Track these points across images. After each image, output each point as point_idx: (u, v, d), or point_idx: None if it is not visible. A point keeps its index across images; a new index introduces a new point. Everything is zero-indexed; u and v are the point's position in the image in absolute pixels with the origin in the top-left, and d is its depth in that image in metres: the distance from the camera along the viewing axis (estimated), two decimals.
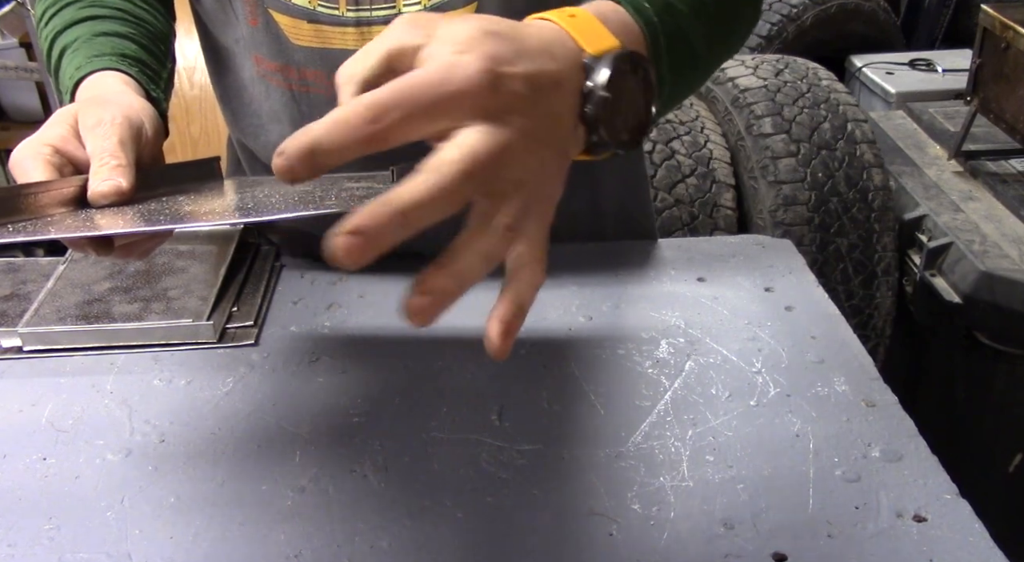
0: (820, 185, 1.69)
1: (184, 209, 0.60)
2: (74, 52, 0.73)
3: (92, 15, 0.76)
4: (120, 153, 0.61)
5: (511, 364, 0.77)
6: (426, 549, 0.60)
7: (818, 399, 0.73)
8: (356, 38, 0.78)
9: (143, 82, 0.72)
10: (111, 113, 0.63)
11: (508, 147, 0.43)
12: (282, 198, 0.59)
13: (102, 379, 0.76)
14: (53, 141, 0.62)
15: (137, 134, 0.64)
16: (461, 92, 0.42)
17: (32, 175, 0.59)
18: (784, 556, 0.59)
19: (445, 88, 0.42)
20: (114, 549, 0.60)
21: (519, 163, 0.44)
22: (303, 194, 0.60)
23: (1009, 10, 1.73)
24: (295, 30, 0.79)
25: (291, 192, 0.61)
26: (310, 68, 0.81)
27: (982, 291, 1.56)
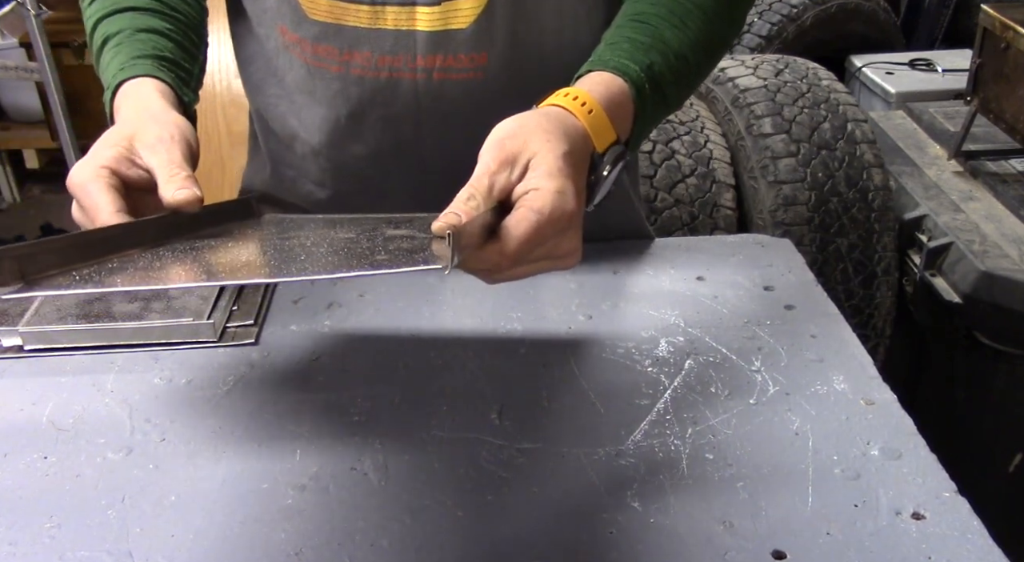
0: (820, 185, 1.69)
1: (239, 258, 0.61)
2: (116, 47, 0.75)
3: (133, 5, 0.78)
4: (186, 166, 0.65)
5: (511, 363, 0.77)
6: (426, 548, 0.60)
7: (817, 397, 0.73)
8: (369, 17, 0.79)
9: (176, 88, 0.74)
10: (168, 131, 0.66)
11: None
12: (329, 247, 0.60)
13: (103, 378, 0.76)
14: (110, 164, 0.64)
15: (189, 150, 0.67)
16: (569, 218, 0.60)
17: (98, 200, 0.61)
18: (783, 554, 0.59)
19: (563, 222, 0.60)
20: (115, 547, 0.60)
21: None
22: (348, 243, 0.61)
23: (1009, 10, 1.73)
24: (312, 4, 0.80)
25: (336, 240, 0.62)
26: (322, 43, 0.82)
27: (982, 291, 1.56)
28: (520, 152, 0.61)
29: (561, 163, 0.60)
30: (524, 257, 0.59)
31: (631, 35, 0.71)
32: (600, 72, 0.68)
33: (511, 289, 0.87)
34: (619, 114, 0.67)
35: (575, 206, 0.60)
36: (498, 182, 0.60)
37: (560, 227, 0.60)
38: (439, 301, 0.86)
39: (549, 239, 0.60)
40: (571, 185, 0.60)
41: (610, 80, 0.68)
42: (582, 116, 0.65)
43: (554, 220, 0.59)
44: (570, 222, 0.60)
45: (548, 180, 0.60)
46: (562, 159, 0.61)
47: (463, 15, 0.79)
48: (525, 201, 0.59)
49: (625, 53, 0.70)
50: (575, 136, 0.63)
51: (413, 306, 0.85)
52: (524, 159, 0.61)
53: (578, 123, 0.64)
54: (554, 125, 0.63)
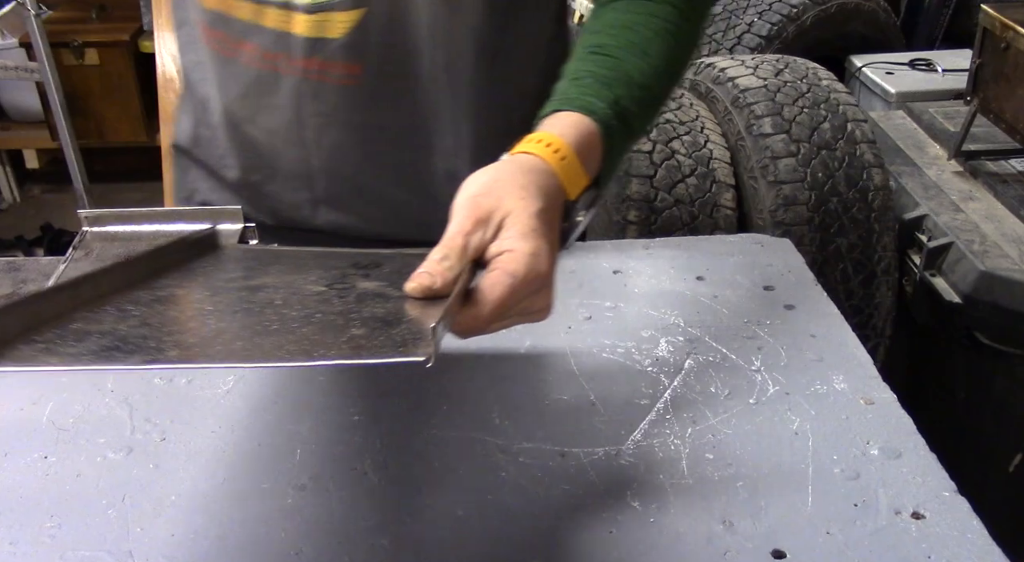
0: (820, 185, 1.69)
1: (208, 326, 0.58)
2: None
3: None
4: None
5: (511, 363, 0.77)
6: (426, 547, 0.60)
7: (817, 397, 0.73)
8: (252, 12, 0.82)
9: None
10: None
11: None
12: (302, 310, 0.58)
13: (103, 378, 0.76)
14: None
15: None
16: (543, 278, 0.60)
17: None
18: (783, 553, 0.59)
19: (537, 283, 0.59)
20: (115, 547, 0.60)
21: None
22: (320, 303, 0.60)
23: (1009, 10, 1.73)
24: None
25: (307, 298, 0.61)
26: (213, 29, 0.85)
27: (982, 291, 1.56)
28: (494, 210, 0.60)
29: (535, 222, 0.60)
30: (497, 319, 0.59)
31: (594, 70, 0.71)
32: (567, 112, 0.68)
33: None
34: (590, 156, 0.67)
35: (548, 266, 0.60)
36: (472, 242, 0.59)
37: (534, 288, 0.60)
38: None
39: (523, 300, 0.60)
40: (545, 245, 0.60)
41: (578, 121, 0.67)
42: (555, 164, 0.64)
43: (528, 281, 0.59)
44: (544, 282, 0.60)
45: (522, 241, 0.59)
46: (536, 218, 0.60)
47: (337, 25, 0.80)
48: (499, 263, 0.59)
49: (590, 90, 0.70)
50: (549, 188, 0.63)
51: None
52: (498, 217, 0.60)
53: (551, 172, 0.64)
54: (528, 179, 0.62)
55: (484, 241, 0.60)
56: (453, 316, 0.57)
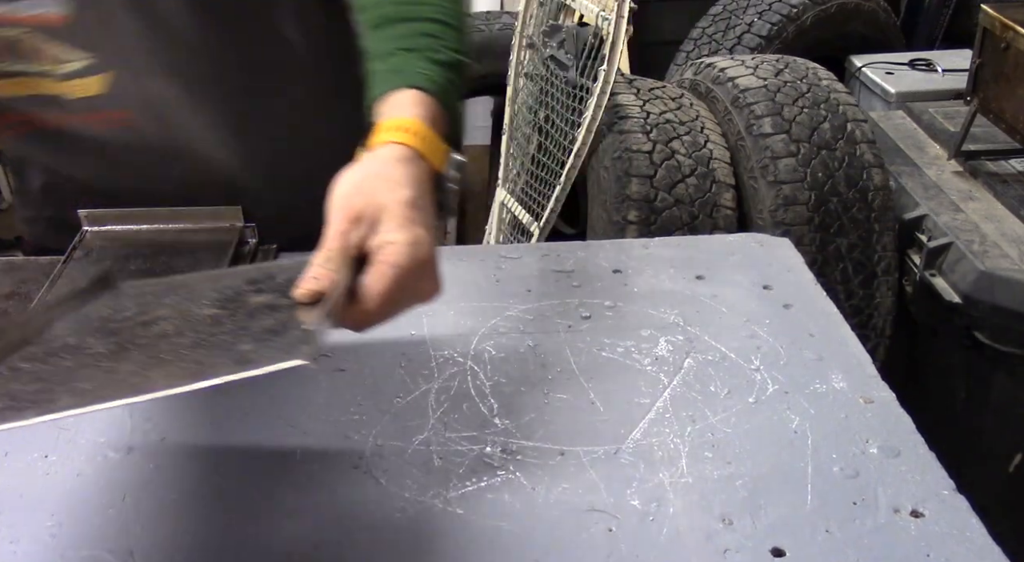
0: (820, 185, 1.69)
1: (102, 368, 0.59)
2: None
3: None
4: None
5: (511, 362, 0.78)
6: (426, 545, 0.60)
7: (816, 396, 0.73)
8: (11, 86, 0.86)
9: None
10: None
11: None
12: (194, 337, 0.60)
13: None
14: None
15: None
16: (426, 264, 0.62)
17: None
18: (782, 551, 0.59)
19: (421, 269, 0.61)
20: (116, 546, 0.60)
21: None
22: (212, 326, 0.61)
23: (1009, 10, 1.73)
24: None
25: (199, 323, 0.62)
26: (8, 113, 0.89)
27: (982, 291, 1.55)
28: (367, 206, 0.62)
29: (410, 211, 0.62)
30: (387, 308, 0.61)
31: (395, 42, 0.73)
32: (400, 91, 0.69)
33: (511, 288, 0.88)
34: (439, 124, 0.69)
35: (429, 251, 0.62)
36: (351, 240, 0.61)
37: (418, 274, 0.61)
38: (439, 301, 0.86)
39: (409, 287, 0.62)
40: (422, 231, 0.62)
41: (415, 96, 0.69)
42: (417, 145, 0.66)
43: (411, 269, 0.61)
44: (428, 266, 0.62)
45: (400, 232, 0.61)
46: (410, 207, 0.62)
47: (91, 86, 0.86)
48: (381, 256, 0.60)
49: (406, 63, 0.71)
50: (416, 173, 0.65)
51: None
52: (373, 213, 0.62)
53: (416, 155, 0.66)
54: (395, 170, 0.64)
55: (363, 238, 0.61)
56: (337, 314, 0.59)
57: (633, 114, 1.77)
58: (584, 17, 1.88)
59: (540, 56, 1.99)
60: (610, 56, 1.73)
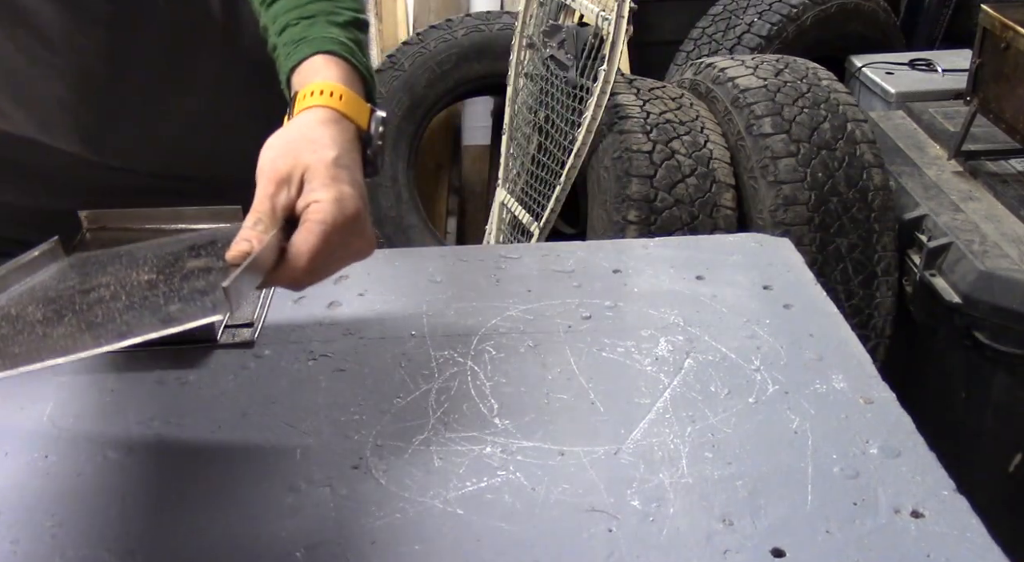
0: (820, 185, 1.69)
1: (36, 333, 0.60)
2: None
3: None
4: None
5: (511, 362, 0.78)
6: (426, 545, 0.60)
7: (816, 396, 0.73)
8: None
9: None
10: None
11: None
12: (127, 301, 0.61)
13: (103, 378, 0.76)
14: None
15: None
16: (353, 219, 0.62)
17: None
18: (783, 552, 0.59)
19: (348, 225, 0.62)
20: (116, 546, 0.60)
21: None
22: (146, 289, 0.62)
23: (1009, 10, 1.73)
24: None
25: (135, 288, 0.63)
26: None
27: (982, 291, 1.55)
28: (293, 168, 0.63)
29: (334, 170, 0.63)
30: (319, 266, 0.62)
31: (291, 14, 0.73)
32: (311, 59, 0.70)
33: (511, 288, 0.88)
34: (356, 84, 0.70)
35: (357, 207, 0.63)
36: (279, 202, 0.62)
37: (347, 230, 0.62)
38: (439, 301, 0.86)
39: (339, 244, 0.62)
40: (348, 188, 0.63)
41: (327, 60, 0.70)
42: (338, 105, 0.67)
43: (339, 226, 0.62)
44: (356, 222, 0.63)
45: (325, 190, 0.62)
46: (333, 165, 0.63)
47: None
48: (308, 215, 0.62)
49: (311, 31, 0.72)
50: (339, 133, 0.66)
51: (413, 306, 0.85)
52: (298, 174, 0.63)
53: (338, 115, 0.67)
54: (318, 132, 0.65)
55: (290, 199, 0.63)
56: (269, 273, 0.60)
57: (633, 114, 1.77)
58: (584, 17, 1.88)
59: (540, 56, 1.99)
60: (610, 56, 1.73)
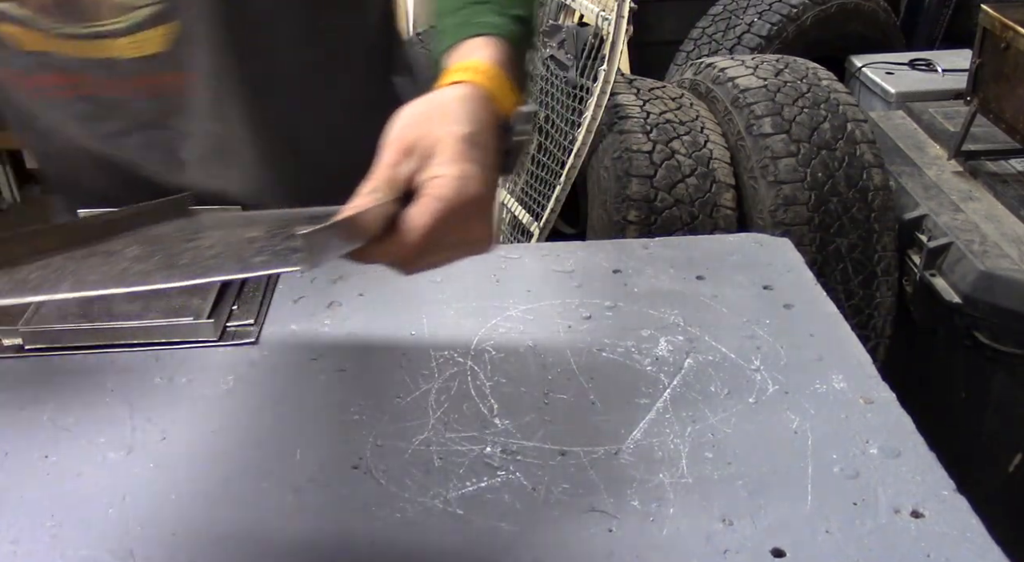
0: (820, 185, 1.69)
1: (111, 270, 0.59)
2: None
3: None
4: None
5: (510, 362, 0.78)
6: (426, 545, 0.60)
7: (816, 396, 0.73)
8: (75, 48, 0.81)
9: None
10: None
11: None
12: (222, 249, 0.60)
13: (103, 377, 0.76)
14: None
15: None
16: (474, 203, 0.58)
17: None
18: (783, 552, 0.59)
19: (468, 208, 0.58)
20: (116, 546, 0.60)
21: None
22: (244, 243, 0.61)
23: (1009, 10, 1.73)
24: (21, 38, 0.81)
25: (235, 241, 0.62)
26: (38, 74, 0.84)
27: (982, 291, 1.56)
28: (420, 139, 0.59)
29: (462, 146, 0.59)
30: (430, 246, 0.58)
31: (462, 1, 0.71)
32: (470, 39, 0.67)
33: (511, 288, 0.88)
34: (511, 70, 0.66)
35: (480, 189, 0.59)
36: (399, 173, 0.59)
37: (466, 213, 0.58)
38: (439, 301, 0.86)
39: (455, 226, 0.58)
40: (474, 168, 0.59)
41: (486, 41, 0.67)
42: (485, 83, 0.63)
43: (457, 206, 0.57)
44: (476, 207, 0.59)
45: (449, 166, 0.58)
46: (464, 142, 0.59)
47: (156, 40, 0.81)
48: (426, 188, 0.58)
49: (476, 13, 0.69)
50: (477, 112, 0.61)
51: (413, 306, 0.85)
52: (425, 146, 0.59)
53: (482, 94, 0.63)
54: (455, 106, 0.61)
55: (411, 171, 0.59)
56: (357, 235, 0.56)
57: (633, 114, 1.78)
58: (584, 17, 1.88)
59: (540, 56, 1.99)
60: (610, 56, 1.73)
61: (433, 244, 0.58)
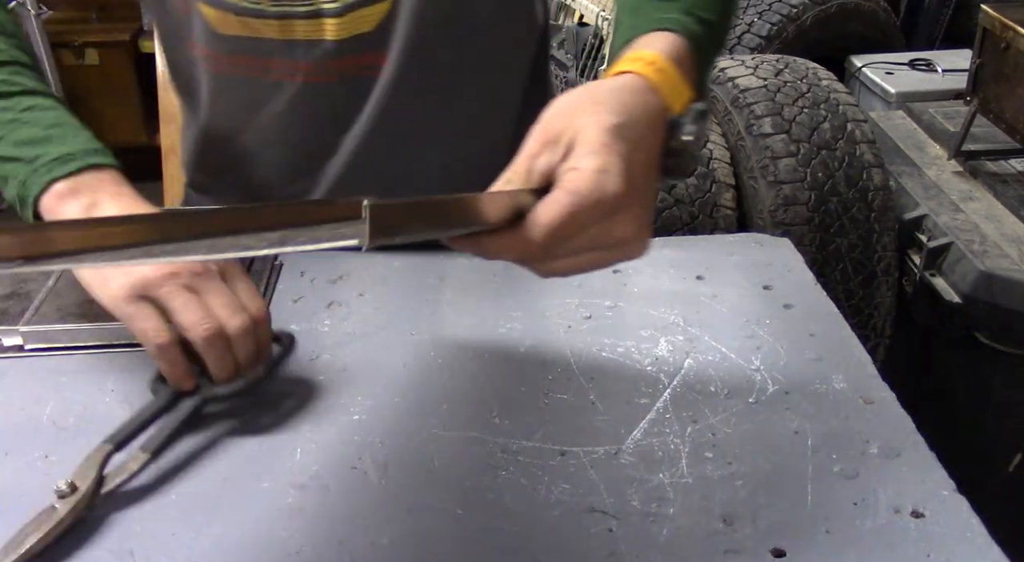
0: (820, 185, 1.69)
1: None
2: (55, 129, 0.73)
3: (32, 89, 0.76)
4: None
5: (511, 363, 0.78)
6: (426, 545, 0.60)
7: (816, 396, 0.73)
8: (279, 30, 0.81)
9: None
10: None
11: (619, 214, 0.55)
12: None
13: (103, 377, 0.76)
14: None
15: None
16: (614, 199, 0.53)
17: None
18: (783, 552, 0.59)
19: (606, 204, 0.53)
20: (116, 546, 0.60)
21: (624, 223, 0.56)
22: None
23: (1009, 10, 1.73)
24: (222, 21, 0.81)
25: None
26: (236, 55, 0.83)
27: (982, 291, 1.56)
28: (564, 129, 0.55)
29: (607, 137, 0.54)
30: (559, 245, 0.54)
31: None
32: (647, 35, 0.63)
33: (511, 288, 0.88)
34: (685, 66, 0.61)
35: (621, 186, 0.53)
36: (538, 163, 0.55)
37: (603, 211, 0.53)
38: (439, 301, 0.86)
39: (590, 225, 0.54)
40: (618, 162, 0.53)
41: (663, 36, 0.62)
42: (652, 75, 0.59)
43: (593, 203, 0.53)
44: (616, 205, 0.54)
45: (589, 158, 0.53)
46: (609, 133, 0.54)
47: (369, 19, 0.80)
48: (560, 182, 0.53)
49: (658, 9, 0.65)
50: (634, 104, 0.57)
51: (413, 306, 0.85)
52: (568, 137, 0.55)
53: (646, 86, 0.58)
54: (608, 96, 0.57)
55: (552, 163, 0.55)
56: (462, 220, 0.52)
57: None
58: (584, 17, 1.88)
59: None
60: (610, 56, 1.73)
61: (562, 242, 0.54)
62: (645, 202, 0.56)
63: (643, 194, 0.56)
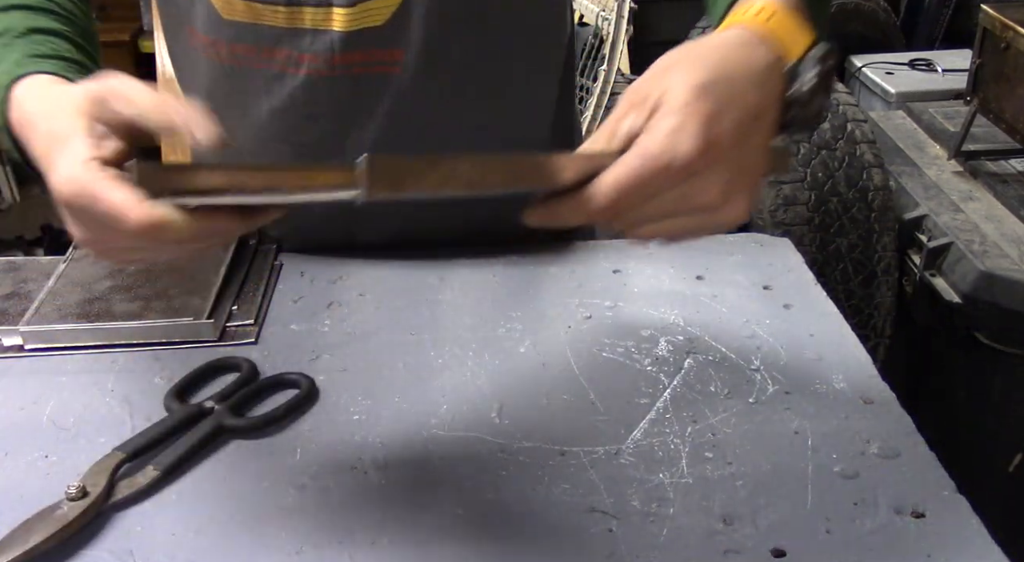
0: (820, 185, 1.69)
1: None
2: (6, 47, 0.67)
3: (23, 4, 0.71)
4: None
5: (511, 363, 0.78)
6: (426, 545, 0.60)
7: (816, 396, 0.73)
8: (286, 17, 0.79)
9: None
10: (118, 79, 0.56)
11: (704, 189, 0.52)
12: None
13: (103, 377, 0.76)
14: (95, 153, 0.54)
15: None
16: (683, 167, 0.50)
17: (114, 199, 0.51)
18: (783, 552, 0.59)
19: (677, 168, 0.50)
20: (116, 546, 0.60)
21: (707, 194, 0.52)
22: None
23: (1009, 10, 1.73)
24: (227, 6, 0.80)
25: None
26: (240, 43, 0.82)
27: (982, 291, 1.56)
28: (653, 90, 0.52)
29: (689, 96, 0.50)
30: (632, 210, 0.52)
31: None
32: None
33: (511, 288, 0.88)
34: (805, 10, 0.57)
35: (696, 148, 0.50)
36: (622, 126, 0.52)
37: (677, 174, 0.50)
38: (439, 301, 0.86)
39: (664, 188, 0.51)
40: (696, 122, 0.50)
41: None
42: (759, 26, 0.55)
43: (662, 167, 0.50)
44: (693, 168, 0.50)
45: (665, 119, 0.50)
46: (693, 91, 0.51)
47: (379, 13, 0.79)
48: (635, 144, 0.51)
49: None
50: (735, 59, 0.53)
51: (413, 306, 0.85)
52: (655, 97, 0.52)
53: (751, 39, 0.55)
54: (701, 51, 0.53)
55: (636, 125, 0.52)
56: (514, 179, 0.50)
57: None
58: (584, 17, 1.88)
59: None
60: (610, 56, 1.73)
61: (633, 206, 0.51)
62: (738, 165, 0.52)
63: (735, 156, 0.52)
